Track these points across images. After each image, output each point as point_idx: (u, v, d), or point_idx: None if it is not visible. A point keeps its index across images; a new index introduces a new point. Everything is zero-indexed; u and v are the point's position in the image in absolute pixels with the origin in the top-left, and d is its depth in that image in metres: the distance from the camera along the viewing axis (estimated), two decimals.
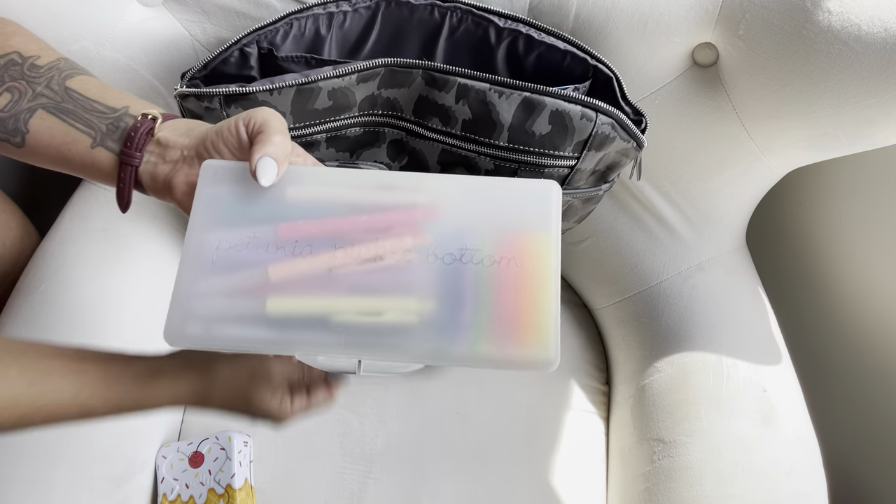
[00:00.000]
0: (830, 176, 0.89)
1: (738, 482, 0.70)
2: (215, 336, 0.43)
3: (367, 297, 0.43)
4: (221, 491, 0.76)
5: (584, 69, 0.69)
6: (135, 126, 0.51)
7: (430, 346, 0.42)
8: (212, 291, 0.44)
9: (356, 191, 0.46)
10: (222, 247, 0.44)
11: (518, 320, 0.42)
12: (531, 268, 0.43)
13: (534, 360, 0.42)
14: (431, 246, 0.44)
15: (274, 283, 0.43)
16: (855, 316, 0.90)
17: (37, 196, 1.06)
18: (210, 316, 0.43)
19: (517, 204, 0.45)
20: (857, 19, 0.64)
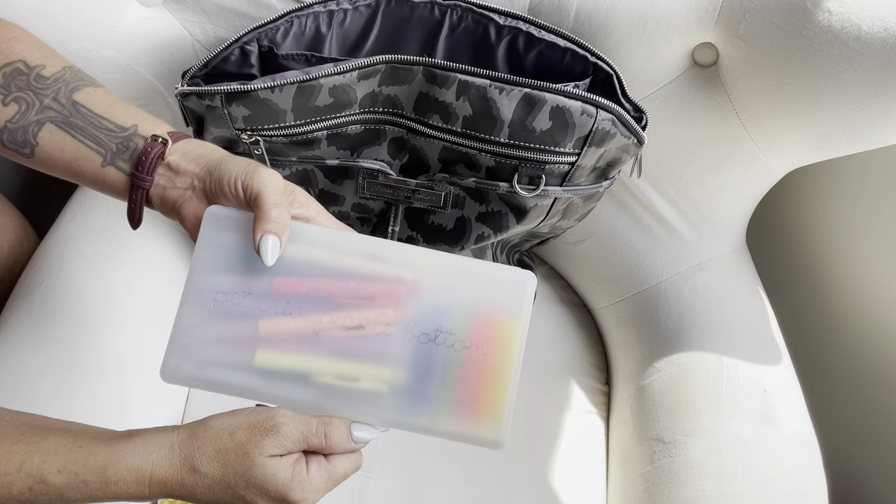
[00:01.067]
0: (830, 176, 0.89)
1: (738, 482, 0.70)
2: (206, 378, 0.47)
3: (346, 362, 0.47)
4: None
5: (584, 66, 0.69)
6: (145, 149, 0.52)
7: (394, 415, 0.47)
8: (207, 337, 0.48)
9: (348, 257, 0.49)
10: (219, 298, 0.48)
11: (476, 403, 0.47)
12: (497, 356, 0.48)
13: (485, 439, 0.47)
14: (410, 322, 0.48)
15: (264, 337, 0.48)
16: (855, 316, 0.90)
17: (36, 196, 1.06)
18: (203, 359, 0.48)
19: (493, 290, 0.49)
20: (857, 19, 0.64)
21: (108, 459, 0.44)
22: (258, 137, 0.66)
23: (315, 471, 0.46)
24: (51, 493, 0.43)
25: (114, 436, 0.45)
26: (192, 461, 0.44)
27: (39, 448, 0.44)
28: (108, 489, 0.44)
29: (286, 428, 0.45)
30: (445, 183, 0.70)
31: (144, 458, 0.44)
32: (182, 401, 0.85)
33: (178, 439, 0.45)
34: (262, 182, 0.47)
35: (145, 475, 0.44)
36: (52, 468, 0.43)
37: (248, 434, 0.45)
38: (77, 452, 0.44)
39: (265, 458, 0.44)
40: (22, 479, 0.43)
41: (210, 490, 0.45)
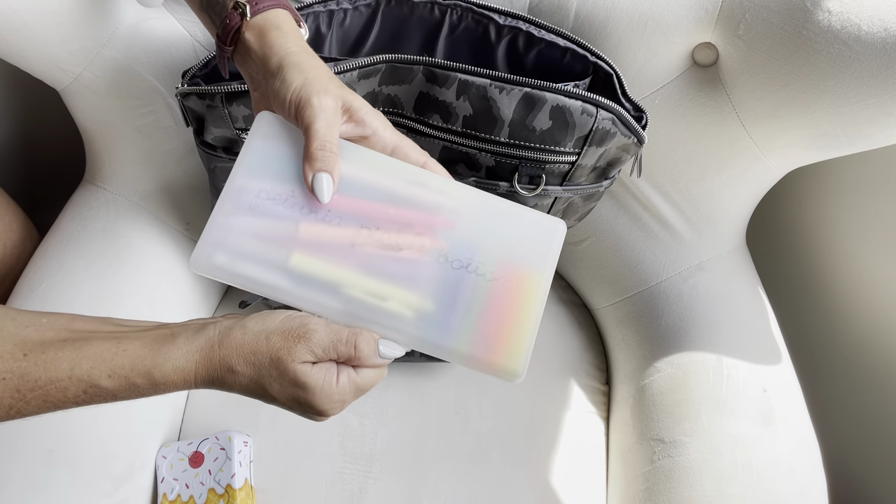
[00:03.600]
0: (830, 176, 0.89)
1: (738, 482, 0.70)
2: (237, 271, 0.47)
3: (377, 281, 0.48)
4: (221, 491, 0.76)
5: (584, 66, 0.69)
6: (226, 17, 0.53)
7: (419, 333, 0.47)
8: (245, 230, 0.48)
9: (391, 180, 0.50)
10: (261, 196, 0.48)
11: (499, 332, 0.48)
12: (523, 291, 0.49)
13: (504, 368, 0.47)
14: (445, 251, 0.49)
15: (301, 240, 0.48)
16: (855, 316, 0.90)
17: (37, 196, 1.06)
18: (238, 251, 0.47)
19: (525, 231, 0.50)
20: (857, 19, 0.64)
21: (155, 363, 0.45)
22: None
23: (345, 381, 0.47)
24: (105, 394, 0.45)
25: (156, 336, 0.46)
26: (229, 361, 0.45)
27: (86, 354, 0.44)
28: (157, 388, 0.46)
29: (317, 335, 0.45)
30: None
31: (188, 359, 0.45)
32: (182, 401, 0.85)
33: (218, 339, 0.46)
34: (314, 115, 0.47)
35: (189, 374, 0.45)
36: (103, 373, 0.44)
37: (282, 339, 0.45)
38: (123, 357, 0.45)
39: (297, 365, 0.45)
40: (75, 384, 0.44)
41: (247, 388, 0.46)
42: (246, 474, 0.77)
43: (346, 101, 0.49)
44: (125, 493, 0.73)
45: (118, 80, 0.76)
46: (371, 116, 0.51)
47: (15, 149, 1.10)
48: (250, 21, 0.52)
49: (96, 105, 0.79)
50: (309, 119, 0.47)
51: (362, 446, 0.83)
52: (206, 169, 0.74)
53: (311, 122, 0.47)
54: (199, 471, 0.77)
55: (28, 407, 0.44)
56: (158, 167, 0.84)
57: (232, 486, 0.75)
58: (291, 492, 0.80)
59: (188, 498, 0.77)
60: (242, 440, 0.78)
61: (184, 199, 0.87)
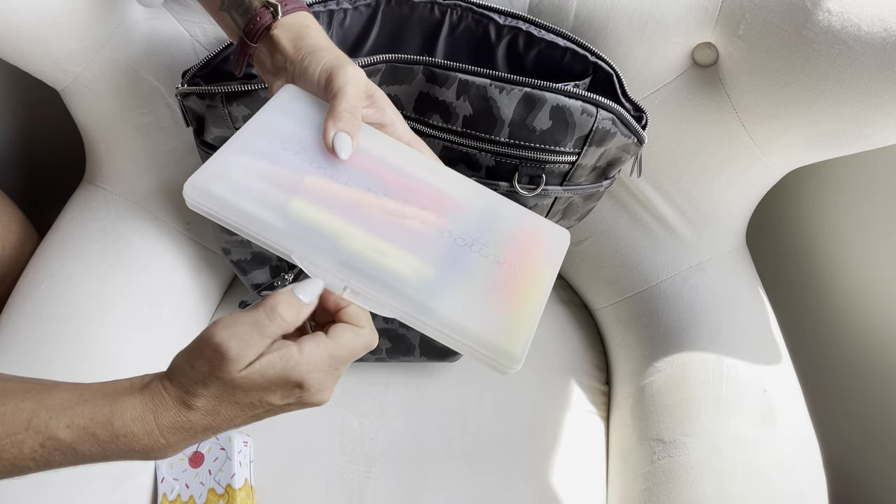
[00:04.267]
0: (830, 176, 0.89)
1: (738, 482, 0.70)
2: (233, 205, 0.45)
3: (379, 239, 0.46)
4: (221, 491, 0.76)
5: (584, 66, 0.69)
6: (255, 16, 0.53)
7: (416, 297, 0.44)
8: (250, 168, 0.46)
9: (405, 163, 0.50)
10: (274, 143, 0.48)
11: (501, 311, 0.45)
12: (528, 279, 0.47)
13: (503, 351, 0.44)
14: (449, 228, 0.48)
15: (305, 188, 0.46)
16: (855, 316, 0.90)
17: (37, 196, 1.06)
18: (239, 185, 0.46)
19: (532, 234, 0.50)
20: (857, 19, 0.64)
21: (114, 411, 0.42)
22: None
23: (311, 348, 0.42)
24: (63, 448, 0.42)
25: (118, 389, 0.44)
26: (182, 401, 0.42)
27: (46, 404, 0.42)
28: (119, 442, 0.42)
29: (235, 342, 0.41)
30: None
31: (146, 407, 0.42)
32: None
33: (164, 384, 0.43)
34: (346, 80, 0.48)
35: (150, 423, 0.42)
36: (61, 423, 0.42)
37: (205, 363, 0.41)
38: (83, 406, 0.42)
39: (242, 373, 0.41)
40: (31, 437, 0.41)
41: (221, 416, 0.43)
42: (246, 474, 0.77)
43: (369, 87, 0.51)
44: (125, 493, 0.73)
45: (118, 80, 0.76)
46: (391, 108, 0.52)
47: (15, 149, 1.10)
48: (281, 20, 0.54)
49: (96, 105, 0.79)
50: (340, 83, 0.48)
51: (362, 446, 0.83)
52: None
53: (342, 87, 0.48)
54: (199, 471, 0.77)
55: None
56: (158, 167, 0.84)
57: (232, 486, 0.75)
58: (291, 492, 0.80)
59: (188, 498, 0.77)
60: (242, 440, 0.78)
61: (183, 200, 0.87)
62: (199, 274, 0.90)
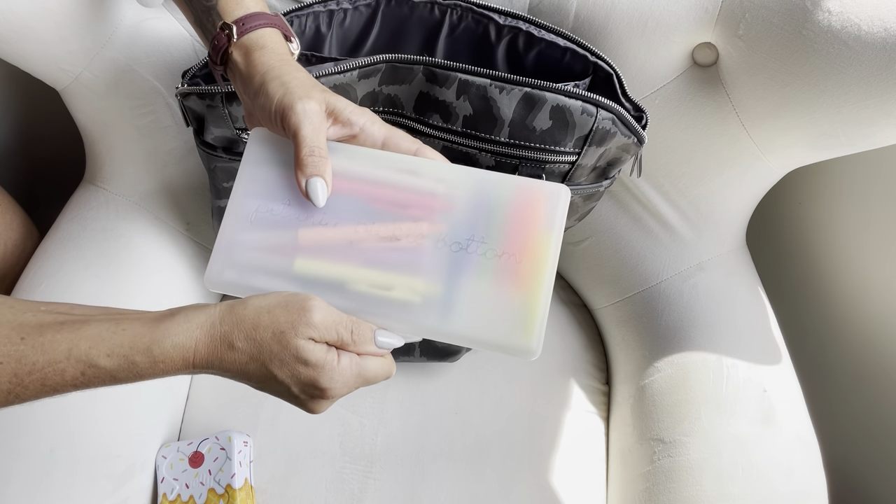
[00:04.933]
0: (830, 176, 0.89)
1: (738, 482, 0.70)
2: (248, 283, 0.49)
3: (380, 272, 0.48)
4: (221, 491, 0.76)
5: (584, 66, 0.69)
6: (216, 37, 0.54)
7: (428, 322, 0.47)
8: (249, 244, 0.50)
9: (383, 171, 0.50)
10: (261, 209, 0.51)
11: (510, 310, 0.47)
12: (529, 265, 0.48)
13: (518, 346, 0.47)
14: (443, 234, 0.49)
15: (302, 245, 0.49)
16: (855, 316, 0.90)
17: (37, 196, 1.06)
18: (245, 265, 0.50)
19: (527, 202, 0.49)
20: (857, 19, 0.64)
21: (154, 339, 0.44)
22: None
23: (346, 363, 0.46)
24: (103, 375, 0.44)
25: (156, 316, 0.46)
26: (230, 337, 0.45)
27: (84, 335, 0.44)
28: (156, 367, 0.45)
29: (320, 312, 0.45)
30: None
31: (188, 335, 0.45)
32: (182, 401, 0.85)
33: (219, 316, 0.46)
34: (299, 121, 0.48)
35: (189, 351, 0.45)
36: (101, 352, 0.44)
37: (285, 312, 0.45)
38: (122, 336, 0.44)
39: (300, 340, 0.45)
40: (73, 366, 0.44)
41: (245, 367, 0.46)
42: (246, 474, 0.77)
43: (329, 103, 0.50)
44: (125, 493, 0.73)
45: (118, 80, 0.76)
46: (357, 115, 0.51)
47: (15, 149, 1.10)
48: (237, 41, 0.53)
49: (96, 105, 0.79)
50: (295, 126, 0.48)
51: (362, 446, 0.83)
52: (206, 169, 0.74)
53: (298, 129, 0.48)
54: (199, 471, 0.77)
55: (26, 392, 0.44)
56: (158, 167, 0.84)
57: (232, 486, 0.75)
58: (291, 492, 0.80)
59: (188, 498, 0.77)
60: (242, 440, 0.78)
61: (184, 199, 0.87)
62: (199, 274, 0.90)
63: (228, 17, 0.54)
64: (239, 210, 0.51)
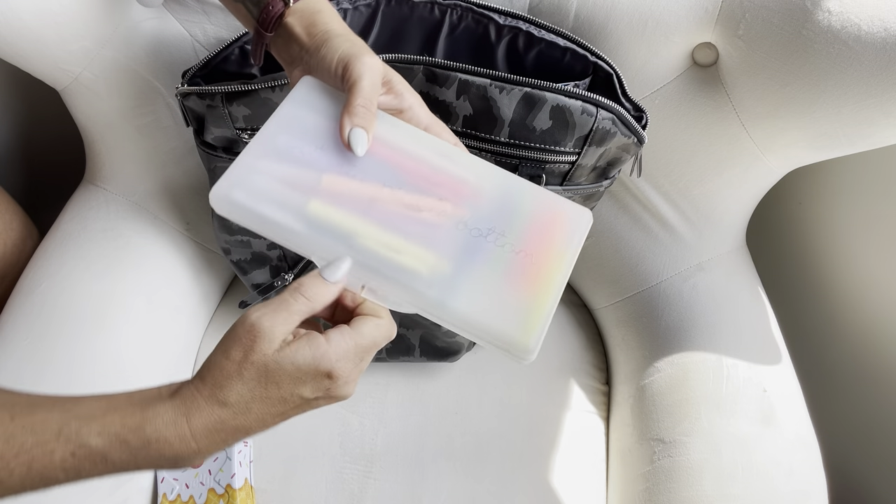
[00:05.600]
0: (830, 176, 0.89)
1: (738, 482, 0.70)
2: (254, 209, 0.47)
3: (394, 235, 0.47)
4: (221, 491, 0.76)
5: (584, 66, 0.69)
6: (267, 6, 0.53)
7: (430, 294, 0.46)
8: (269, 172, 0.48)
9: (422, 149, 0.50)
10: (291, 144, 0.49)
11: (515, 303, 0.46)
12: (543, 267, 0.47)
13: (516, 343, 0.45)
14: (465, 218, 0.48)
15: (323, 188, 0.48)
16: (855, 316, 0.90)
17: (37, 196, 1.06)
18: (258, 191, 0.47)
19: (551, 215, 0.49)
20: (857, 19, 0.64)
21: (146, 417, 0.42)
22: None
23: (337, 338, 0.44)
24: (94, 456, 0.42)
25: (146, 396, 0.44)
26: (215, 398, 0.43)
27: (74, 413, 0.42)
28: (150, 448, 0.42)
29: (266, 318, 0.43)
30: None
31: (178, 411, 0.42)
32: None
33: (195, 385, 0.43)
34: (361, 72, 0.48)
35: (182, 426, 0.42)
36: (92, 431, 0.41)
37: (240, 347, 0.42)
38: (113, 414, 0.42)
39: (274, 356, 0.42)
40: (62, 446, 0.41)
41: (252, 414, 0.43)
42: (246, 474, 0.77)
43: (387, 73, 0.51)
44: (125, 494, 0.73)
45: (118, 80, 0.76)
46: (409, 92, 0.52)
47: (15, 149, 1.10)
48: (293, 7, 0.54)
49: (96, 105, 0.79)
50: (356, 76, 0.48)
51: (362, 446, 0.83)
52: (206, 169, 0.74)
53: (358, 80, 0.48)
54: (199, 471, 0.77)
55: (10, 478, 0.41)
56: (158, 167, 0.84)
57: (232, 486, 0.75)
58: (291, 492, 0.80)
59: (188, 498, 0.77)
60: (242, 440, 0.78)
61: (184, 199, 0.87)
62: (199, 274, 0.90)
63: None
64: (267, 140, 0.49)
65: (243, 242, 0.79)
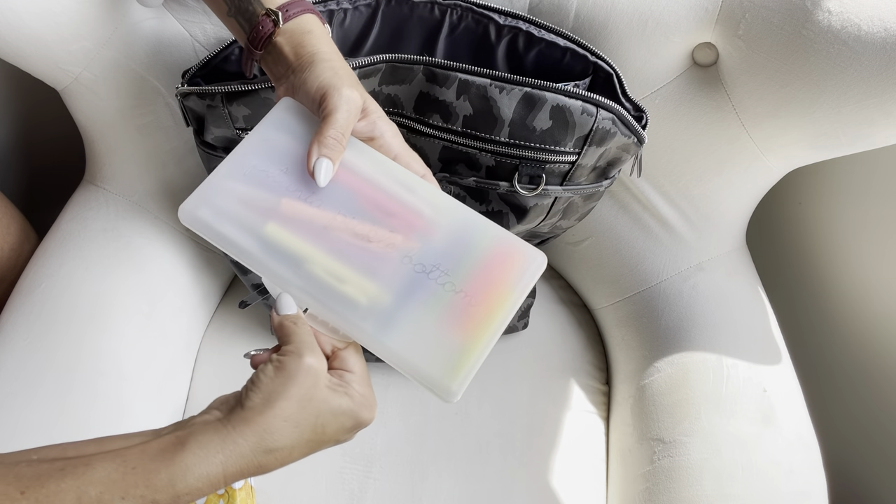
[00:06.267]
0: (830, 176, 0.89)
1: (738, 482, 0.70)
2: (216, 228, 0.49)
3: (341, 264, 0.48)
4: (221, 491, 0.76)
5: (584, 66, 0.69)
6: (258, 25, 0.54)
7: (364, 326, 0.47)
8: (233, 193, 0.50)
9: (384, 178, 0.51)
10: (258, 168, 0.51)
11: (445, 345, 0.46)
12: (481, 311, 0.47)
13: (440, 384, 0.45)
14: (413, 252, 0.49)
15: (280, 213, 0.49)
16: (855, 316, 0.90)
17: (36, 197, 1.06)
18: (222, 211, 0.49)
19: (503, 255, 0.49)
20: (857, 19, 0.64)
21: (174, 475, 0.40)
22: None
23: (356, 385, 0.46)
24: None
25: (164, 447, 0.41)
26: (264, 445, 0.42)
27: (89, 479, 0.39)
28: (179, 500, 0.41)
29: (317, 360, 0.45)
30: (446, 182, 0.71)
31: (211, 462, 0.41)
32: (182, 400, 0.85)
33: (238, 431, 0.42)
34: (338, 103, 0.49)
35: (218, 477, 0.41)
36: (115, 496, 0.39)
37: (295, 386, 0.43)
38: (134, 475, 0.40)
39: (327, 386, 0.45)
40: None
41: (292, 457, 0.44)
42: None
43: (366, 102, 0.51)
44: None
45: (118, 80, 0.76)
46: (383, 121, 0.52)
47: (15, 149, 1.10)
48: (283, 27, 0.54)
49: (96, 105, 0.79)
50: (332, 107, 0.49)
51: (362, 446, 0.83)
52: (206, 169, 0.74)
53: (334, 111, 0.49)
54: None
55: None
56: (158, 167, 0.84)
57: (232, 486, 0.75)
58: (291, 492, 0.80)
59: None
60: None
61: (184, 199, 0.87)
62: (199, 274, 0.90)
63: (271, 5, 0.55)
64: (237, 161, 0.51)
65: None
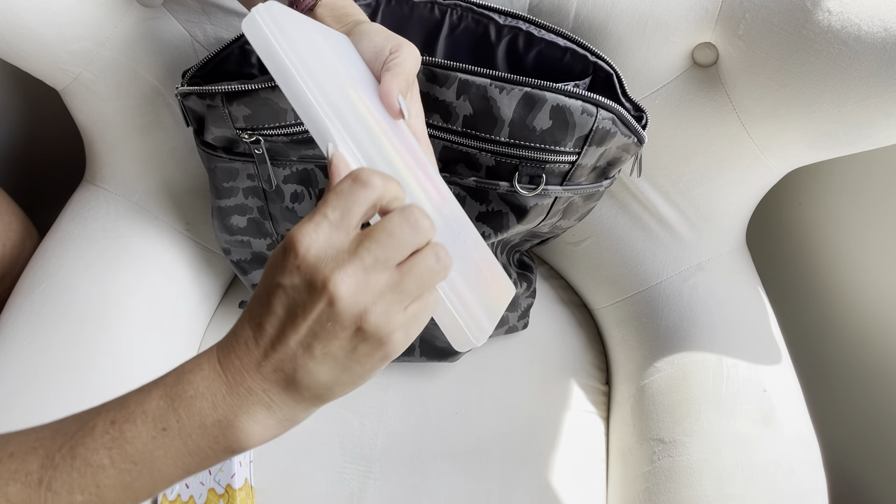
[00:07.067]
0: (830, 176, 0.89)
1: (738, 482, 0.70)
2: (299, 53, 0.40)
3: (407, 170, 0.45)
4: (221, 491, 0.76)
5: (584, 66, 0.69)
6: None
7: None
8: (317, 46, 0.44)
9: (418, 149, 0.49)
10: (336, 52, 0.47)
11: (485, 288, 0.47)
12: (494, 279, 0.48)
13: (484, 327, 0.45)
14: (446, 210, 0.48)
15: (356, 86, 0.45)
16: (855, 316, 0.90)
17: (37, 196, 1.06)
18: (303, 45, 0.42)
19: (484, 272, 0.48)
20: (857, 19, 0.64)
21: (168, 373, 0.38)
22: (259, 137, 0.67)
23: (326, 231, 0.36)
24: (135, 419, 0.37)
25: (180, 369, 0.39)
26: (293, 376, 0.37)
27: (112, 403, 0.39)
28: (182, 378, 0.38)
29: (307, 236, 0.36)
30: (446, 182, 0.71)
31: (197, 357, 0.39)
32: None
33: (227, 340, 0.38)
34: (409, 55, 0.50)
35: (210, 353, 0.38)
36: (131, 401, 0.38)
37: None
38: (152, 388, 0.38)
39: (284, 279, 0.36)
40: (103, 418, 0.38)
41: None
42: (246, 474, 0.77)
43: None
44: None
45: (118, 80, 0.76)
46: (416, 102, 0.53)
47: (15, 149, 1.10)
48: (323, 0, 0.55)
49: (96, 105, 0.79)
50: (404, 57, 0.49)
51: (362, 446, 0.83)
52: (206, 169, 0.74)
53: (405, 62, 0.49)
54: None
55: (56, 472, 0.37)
56: (158, 167, 0.84)
57: (232, 486, 0.75)
58: (291, 492, 0.80)
59: (188, 498, 0.77)
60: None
61: (184, 199, 0.87)
62: (199, 274, 0.90)
63: None
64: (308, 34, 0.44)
65: (243, 242, 0.79)
